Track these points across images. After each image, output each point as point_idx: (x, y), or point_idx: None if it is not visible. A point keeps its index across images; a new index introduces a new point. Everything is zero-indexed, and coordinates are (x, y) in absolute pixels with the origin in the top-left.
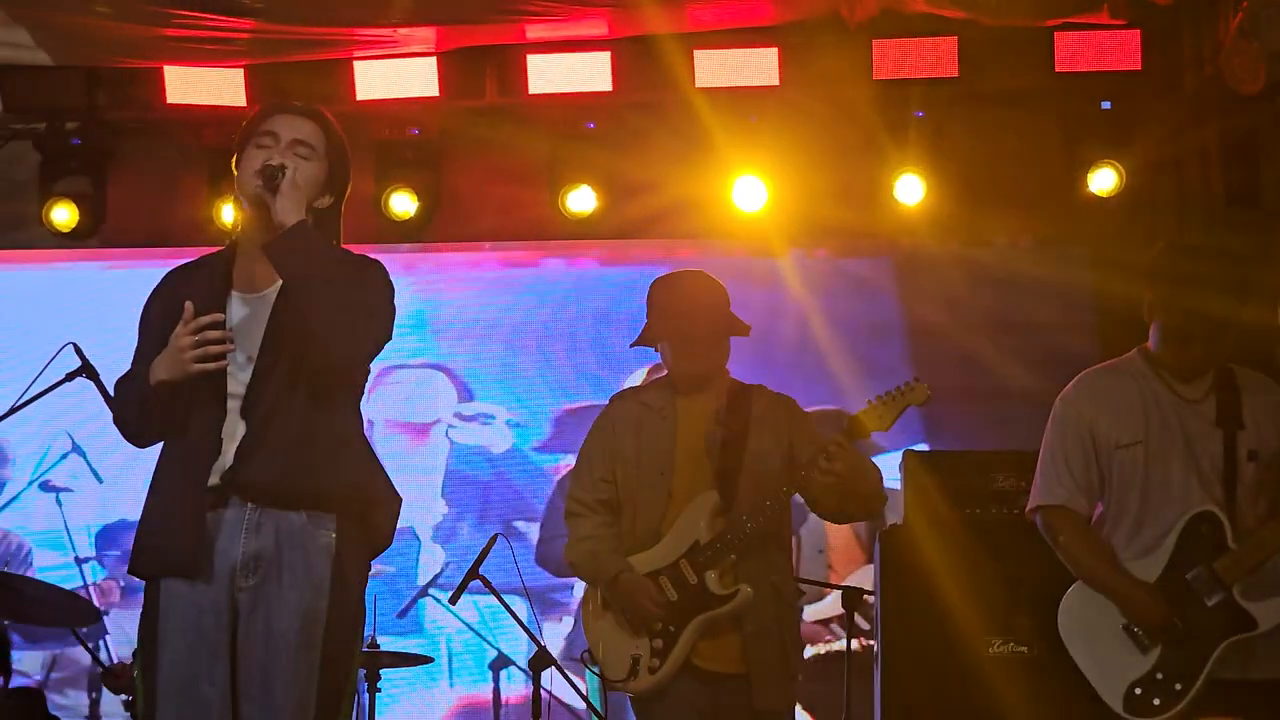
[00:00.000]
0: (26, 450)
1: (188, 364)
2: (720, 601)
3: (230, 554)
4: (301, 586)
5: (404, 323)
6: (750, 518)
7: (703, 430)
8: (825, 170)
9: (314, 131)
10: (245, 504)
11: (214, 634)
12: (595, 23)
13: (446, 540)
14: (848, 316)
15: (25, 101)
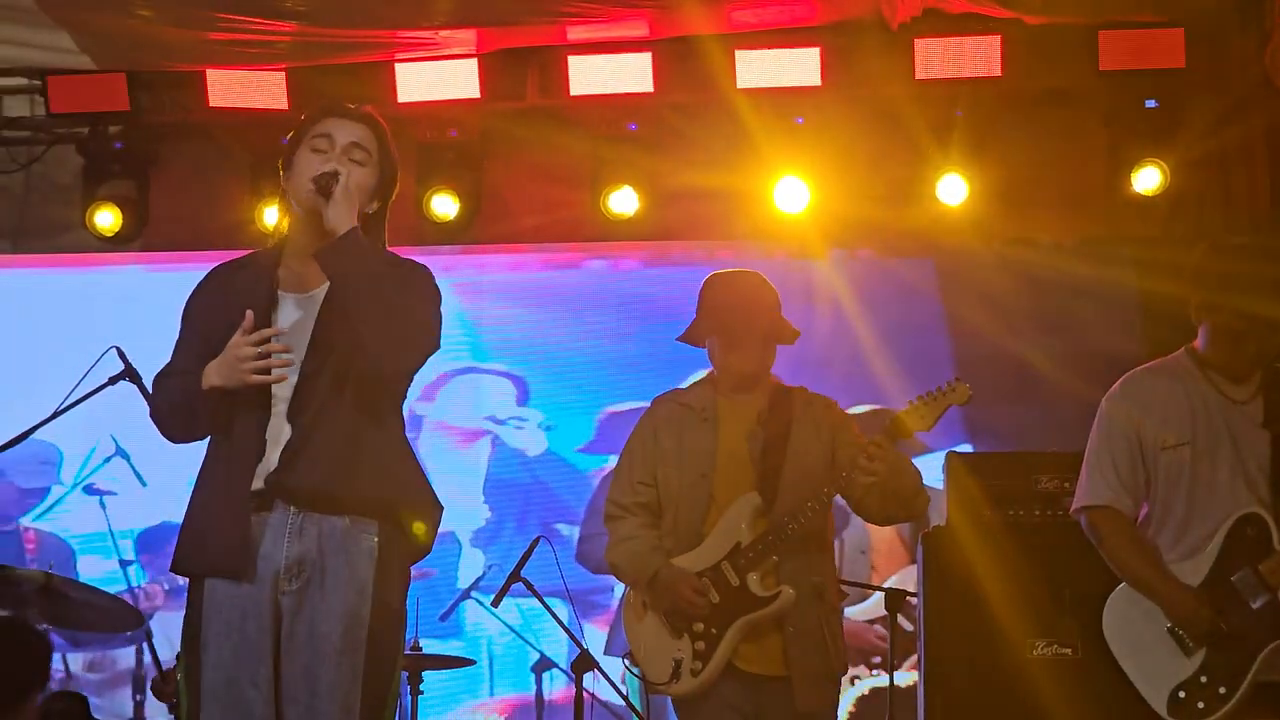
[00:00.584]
0: (71, 454)
1: (246, 374)
2: (762, 603)
3: (274, 558)
4: (345, 590)
5: (449, 326)
6: (792, 519)
7: (744, 431)
8: (867, 171)
9: (368, 136)
10: (288, 507)
11: (257, 637)
12: (636, 24)
13: (487, 544)
14: (890, 317)
15: (68, 105)
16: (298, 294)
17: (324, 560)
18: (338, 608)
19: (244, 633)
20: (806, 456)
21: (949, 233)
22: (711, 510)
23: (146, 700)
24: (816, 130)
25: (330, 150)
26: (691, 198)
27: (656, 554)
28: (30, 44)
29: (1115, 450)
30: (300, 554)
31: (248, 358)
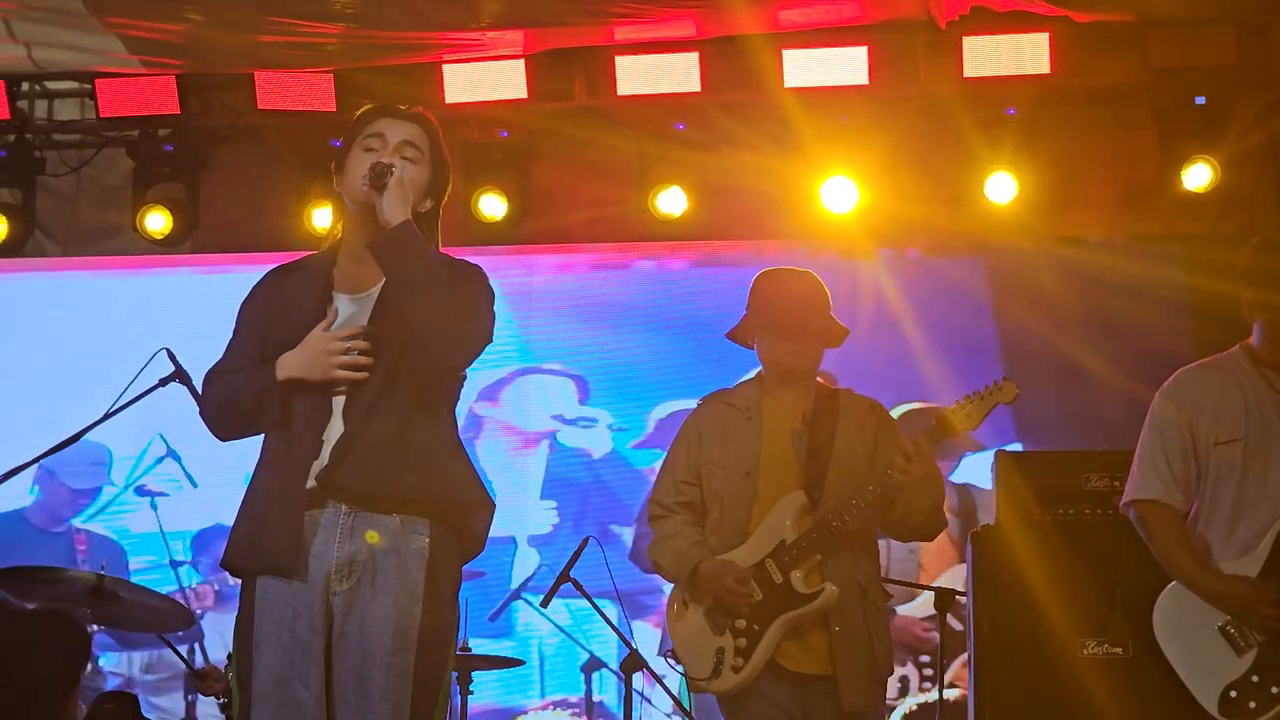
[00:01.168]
0: (122, 455)
1: (331, 368)
2: (805, 600)
3: (325, 558)
4: (395, 591)
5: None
6: (837, 517)
7: (789, 430)
8: (915, 170)
9: (420, 135)
10: (340, 506)
11: (308, 637)
12: (683, 23)
13: (543, 544)
14: (938, 317)
15: (118, 109)
16: (352, 293)
17: (375, 561)
18: (389, 608)
19: (295, 633)
20: (851, 456)
21: (998, 231)
22: (756, 508)
23: (198, 700)
24: (864, 129)
25: (383, 149)
26: (739, 197)
27: (698, 549)
28: (80, 48)
29: (1167, 445)
30: (351, 554)
31: (336, 351)
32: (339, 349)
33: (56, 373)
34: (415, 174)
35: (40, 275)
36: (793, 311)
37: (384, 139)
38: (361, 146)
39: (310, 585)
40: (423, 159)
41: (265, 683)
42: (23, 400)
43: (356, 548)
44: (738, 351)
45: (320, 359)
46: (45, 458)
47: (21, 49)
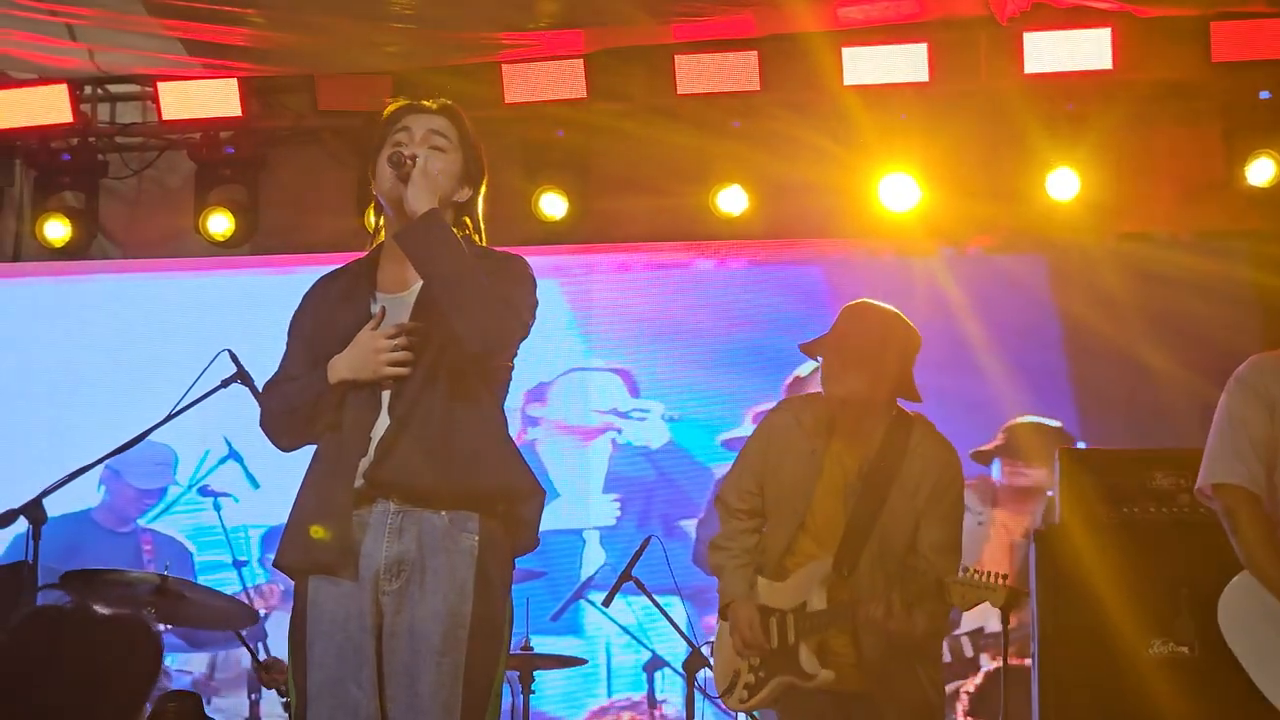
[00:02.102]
0: (186, 455)
1: (380, 366)
2: (804, 677)
3: (374, 557)
4: (445, 590)
5: (557, 325)
6: (852, 611)
7: (843, 484)
8: (976, 166)
9: (446, 125)
10: (388, 504)
11: (359, 637)
12: (742, 22)
13: (609, 541)
14: (1000, 314)
15: (180, 111)
16: (393, 293)
17: (424, 560)
18: (438, 607)
19: (347, 632)
20: (893, 533)
21: (1060, 228)
22: (800, 542)
23: (262, 700)
24: (924, 127)
25: (410, 142)
26: (799, 196)
27: (740, 576)
28: (142, 51)
29: (1251, 424)
30: (400, 553)
31: (384, 349)
32: (386, 346)
33: (120, 374)
34: (445, 162)
35: (104, 277)
36: (851, 344)
37: (410, 133)
38: (390, 144)
39: (360, 585)
40: (451, 146)
41: (319, 682)
42: (87, 402)
43: (405, 546)
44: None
45: (369, 358)
46: (110, 458)
47: (84, 53)
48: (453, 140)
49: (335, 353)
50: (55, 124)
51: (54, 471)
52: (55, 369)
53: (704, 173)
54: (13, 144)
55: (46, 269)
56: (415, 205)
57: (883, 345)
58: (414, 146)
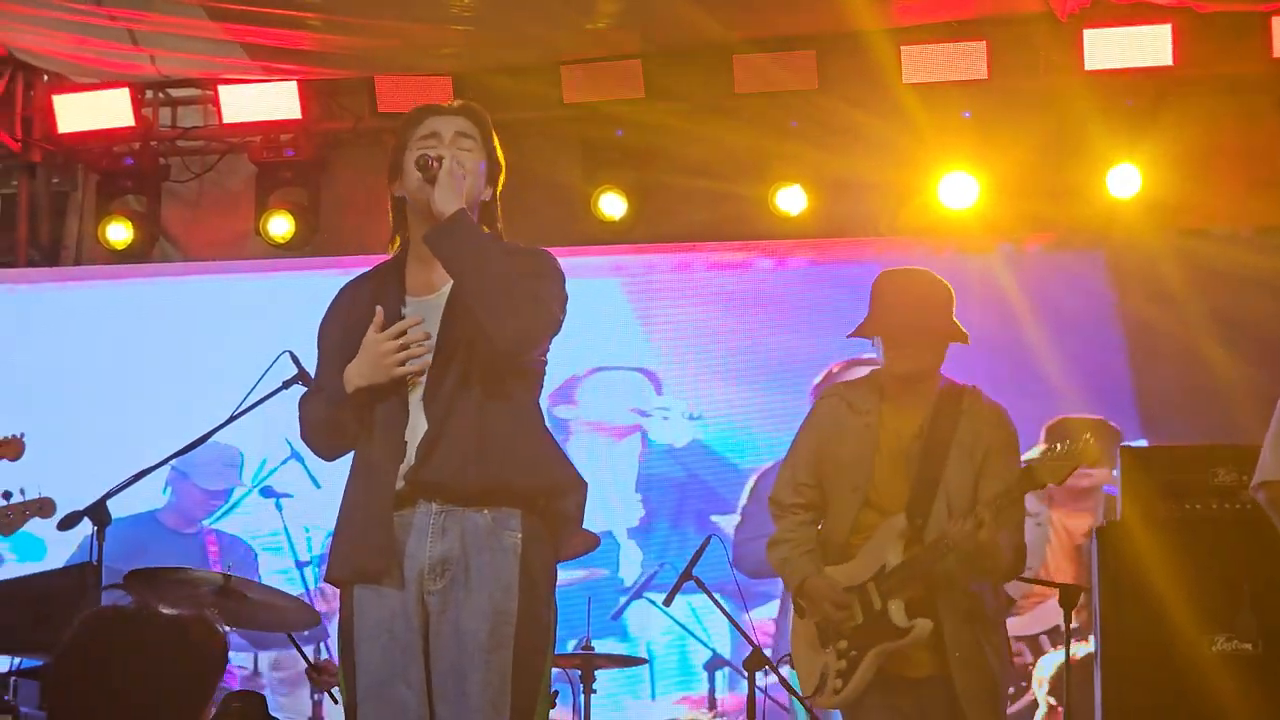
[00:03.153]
0: (252, 456)
1: (391, 367)
2: (900, 634)
3: (418, 557)
4: (490, 588)
5: (612, 324)
6: (933, 553)
7: (903, 447)
8: (1035, 163)
9: (471, 126)
10: (431, 505)
11: (407, 637)
12: (801, 20)
13: (644, 539)
14: (1060, 312)
15: (241, 114)
16: (423, 296)
17: (467, 558)
18: (483, 606)
19: (394, 633)
20: (959, 483)
21: (1120, 225)
22: (863, 518)
23: (324, 700)
24: (983, 124)
25: (439, 145)
26: (858, 194)
27: (807, 559)
28: (203, 55)
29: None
30: (444, 553)
31: (389, 351)
32: (392, 348)
33: (182, 376)
34: (473, 163)
35: (166, 280)
36: (908, 316)
37: (439, 136)
38: (416, 148)
39: (406, 585)
40: (476, 147)
41: (367, 683)
42: (150, 404)
43: (449, 546)
44: (858, 348)
45: (378, 361)
46: (173, 459)
47: (146, 58)
48: (477, 141)
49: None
50: (117, 128)
51: (118, 473)
52: (118, 371)
53: (762, 172)
54: (76, 148)
55: (109, 272)
56: (443, 206)
57: (928, 310)
58: (443, 148)
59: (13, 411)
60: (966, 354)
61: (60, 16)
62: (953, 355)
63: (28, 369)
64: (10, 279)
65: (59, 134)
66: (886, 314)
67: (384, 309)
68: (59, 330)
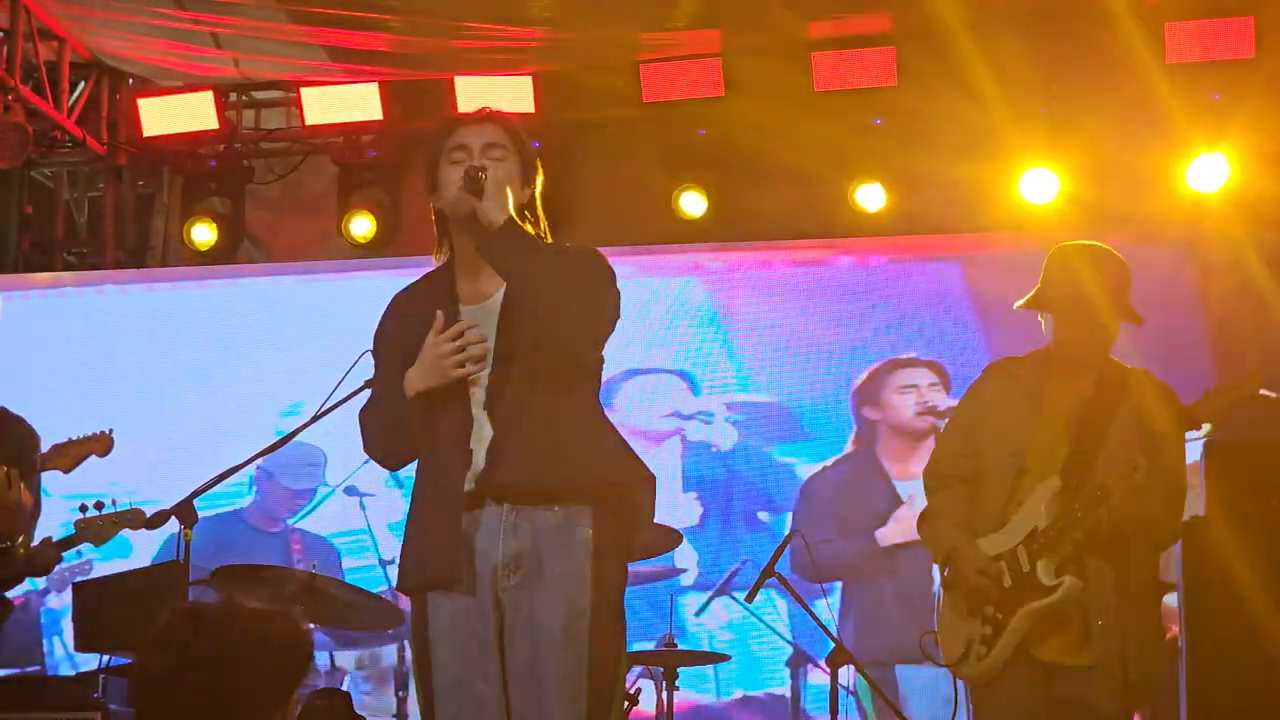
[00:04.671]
0: (335, 456)
1: (450, 370)
2: (1046, 592)
3: (491, 555)
4: (563, 583)
5: (694, 321)
6: (1086, 507)
7: (1065, 414)
8: (1117, 158)
9: (499, 133)
10: (501, 505)
11: (482, 633)
12: (879, 18)
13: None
14: (1142, 308)
15: (323, 116)
16: (476, 305)
17: (540, 554)
18: (557, 601)
19: (469, 630)
20: (1126, 447)
21: (1203, 219)
22: (1019, 488)
23: (409, 697)
24: (1064, 118)
25: (469, 157)
26: (938, 190)
27: (957, 530)
28: (285, 58)
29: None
30: (516, 550)
31: (448, 354)
32: (449, 350)
33: (265, 376)
34: (505, 171)
35: (248, 280)
36: (1078, 290)
37: (468, 148)
38: (448, 160)
39: (479, 583)
40: (509, 154)
41: (444, 681)
42: (235, 403)
43: (521, 543)
44: (950, 346)
45: (437, 365)
46: (258, 459)
47: (229, 61)
48: (508, 147)
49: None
50: (201, 131)
51: (204, 472)
52: (203, 371)
53: (842, 169)
54: (161, 151)
55: (193, 273)
56: (493, 217)
57: (1100, 285)
58: (475, 160)
59: (100, 410)
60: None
61: (145, 21)
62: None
63: (115, 369)
64: (97, 280)
65: (144, 137)
66: (1056, 288)
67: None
68: (145, 331)
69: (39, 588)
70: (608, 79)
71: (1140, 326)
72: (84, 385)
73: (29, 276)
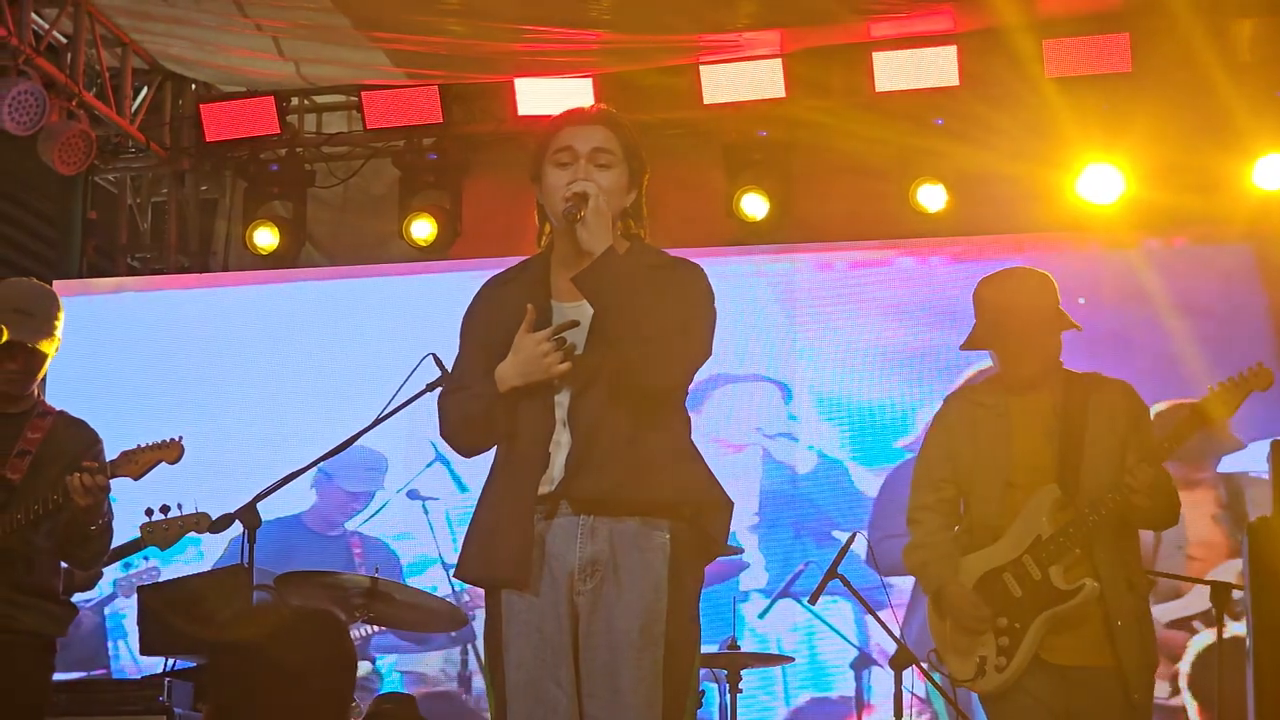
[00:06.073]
0: (396, 461)
1: (551, 365)
2: (1065, 596)
3: (567, 559)
4: (640, 587)
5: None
6: (1094, 510)
7: (1039, 427)
8: (1180, 157)
9: (608, 136)
10: (577, 514)
11: (556, 636)
12: (941, 18)
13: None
14: (1206, 309)
15: (384, 120)
16: (570, 303)
17: (617, 558)
18: (634, 605)
19: (543, 633)
20: (1104, 446)
21: (1269, 218)
22: (1008, 505)
23: (471, 698)
24: (1127, 117)
25: (574, 162)
26: (999, 190)
27: (944, 564)
28: (346, 63)
29: None
30: (593, 554)
31: (549, 350)
32: (550, 348)
33: (327, 379)
34: (611, 180)
35: (311, 283)
36: (1014, 325)
37: (573, 150)
38: (552, 162)
39: (554, 586)
40: (616, 160)
41: (517, 683)
42: (297, 406)
43: (598, 547)
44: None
45: (535, 361)
46: (321, 462)
47: (290, 66)
48: (616, 152)
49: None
50: (263, 135)
51: (267, 476)
52: (266, 374)
53: (904, 169)
54: (223, 156)
55: (256, 277)
56: (591, 246)
57: (1033, 312)
58: (579, 167)
59: (164, 414)
60: (1108, 350)
61: (208, 27)
62: (1096, 353)
63: (179, 373)
64: (161, 285)
65: (207, 142)
66: (993, 327)
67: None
68: (208, 334)
69: (104, 593)
70: (668, 80)
71: (1080, 331)
72: (146, 389)
73: (92, 282)
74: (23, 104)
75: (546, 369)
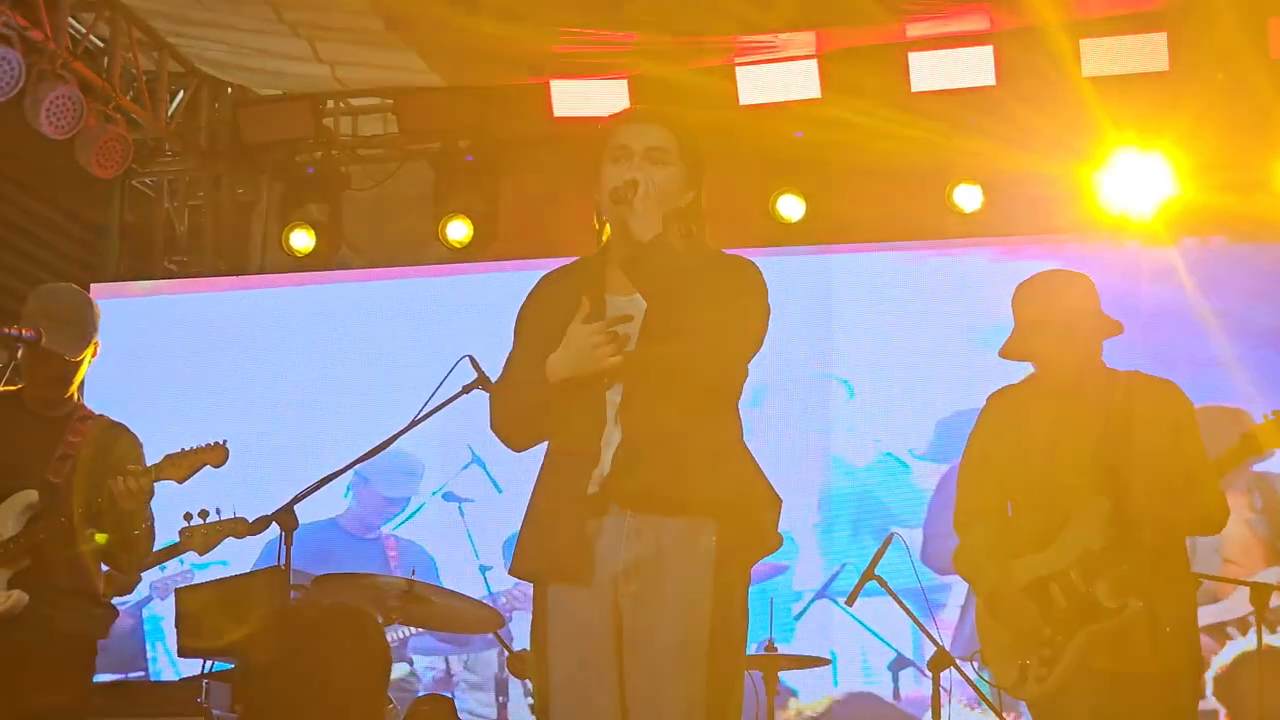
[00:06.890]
0: (432, 464)
1: (603, 358)
2: (1108, 615)
3: (612, 561)
4: (685, 591)
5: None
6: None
7: (1085, 429)
8: (1219, 155)
9: (665, 135)
10: (624, 511)
11: (600, 638)
12: (977, 17)
13: (825, 546)
14: (1246, 309)
15: (420, 123)
16: (624, 295)
17: (662, 562)
18: (678, 608)
19: (587, 635)
20: (1153, 455)
21: None
22: (1056, 506)
23: (509, 702)
24: (1166, 115)
25: (629, 159)
26: (1036, 190)
27: (994, 567)
28: (382, 65)
29: None
30: (638, 556)
31: (601, 343)
32: (602, 340)
33: (363, 381)
34: (666, 177)
35: (348, 286)
36: (1055, 329)
37: (628, 149)
38: (609, 160)
39: (598, 588)
40: (672, 158)
41: (560, 681)
42: (333, 408)
43: (643, 549)
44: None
45: (587, 353)
46: (357, 464)
47: (326, 69)
48: (672, 151)
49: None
50: (299, 138)
51: (304, 478)
52: (302, 376)
53: (940, 170)
54: (259, 159)
55: (292, 279)
56: (640, 234)
57: (1072, 318)
58: (634, 166)
59: (200, 416)
60: (1146, 349)
61: (244, 30)
62: (1134, 352)
63: (215, 375)
64: (197, 287)
65: (243, 145)
66: (1032, 335)
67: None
68: (245, 336)
69: (141, 595)
70: (704, 81)
71: (1120, 333)
72: (181, 391)
73: (129, 285)
74: (60, 108)
75: (597, 361)
